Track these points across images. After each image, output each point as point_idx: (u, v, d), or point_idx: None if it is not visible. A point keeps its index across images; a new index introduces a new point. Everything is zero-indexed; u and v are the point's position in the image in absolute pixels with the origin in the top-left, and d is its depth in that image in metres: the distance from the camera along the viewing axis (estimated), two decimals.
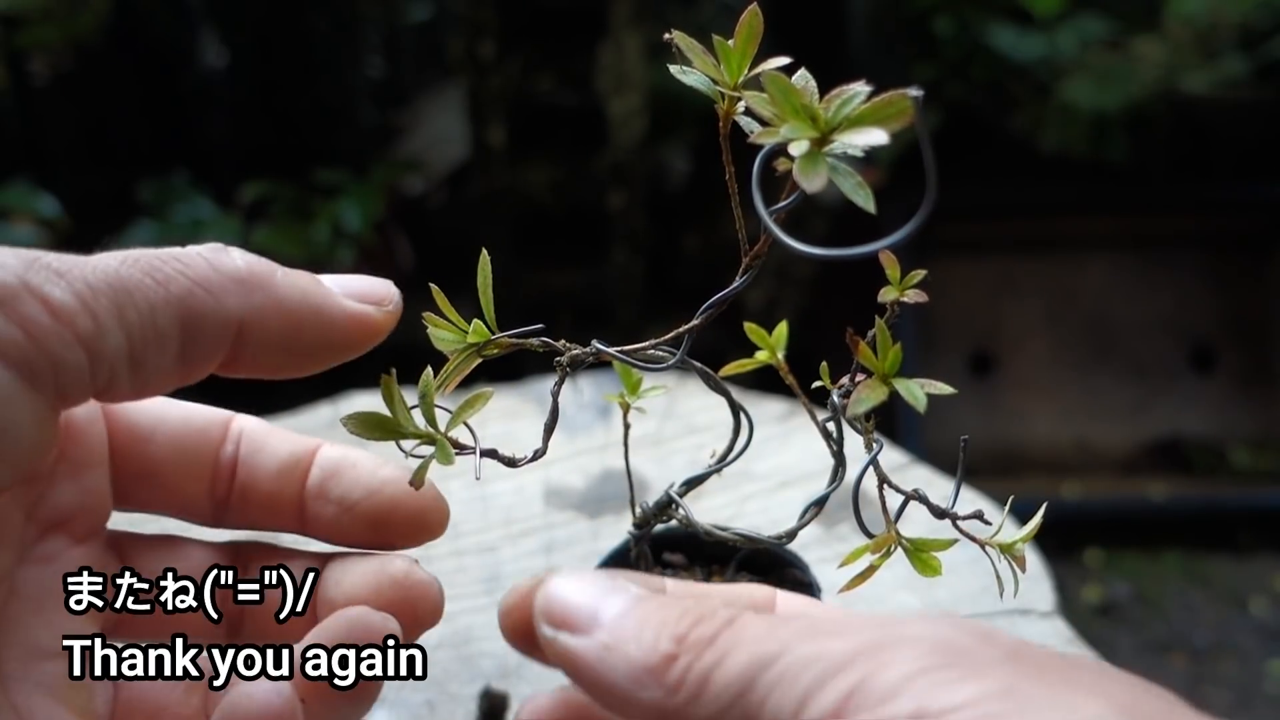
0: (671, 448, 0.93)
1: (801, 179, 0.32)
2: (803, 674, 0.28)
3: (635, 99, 2.07)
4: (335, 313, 0.37)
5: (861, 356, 0.37)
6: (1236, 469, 2.35)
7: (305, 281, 0.37)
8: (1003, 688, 0.26)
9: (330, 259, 2.18)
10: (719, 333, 0.42)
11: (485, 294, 0.39)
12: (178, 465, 0.39)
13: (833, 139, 0.32)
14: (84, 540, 0.37)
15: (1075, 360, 2.46)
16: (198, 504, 0.40)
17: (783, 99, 0.33)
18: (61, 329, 0.30)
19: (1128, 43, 2.44)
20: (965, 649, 0.27)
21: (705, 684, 0.29)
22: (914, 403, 0.36)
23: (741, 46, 0.36)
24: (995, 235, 2.46)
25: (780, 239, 0.33)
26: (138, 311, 0.32)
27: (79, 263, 0.32)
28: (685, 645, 0.30)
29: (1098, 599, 2.11)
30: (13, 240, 2.09)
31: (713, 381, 0.42)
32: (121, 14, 2.58)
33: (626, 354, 0.41)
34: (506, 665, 0.66)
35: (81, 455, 0.37)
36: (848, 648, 0.28)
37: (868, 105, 0.32)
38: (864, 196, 0.32)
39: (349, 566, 0.38)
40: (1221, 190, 2.47)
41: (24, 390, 0.30)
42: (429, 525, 0.39)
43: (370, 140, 2.70)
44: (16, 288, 0.30)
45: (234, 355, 0.35)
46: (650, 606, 0.32)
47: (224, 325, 0.34)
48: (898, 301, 0.39)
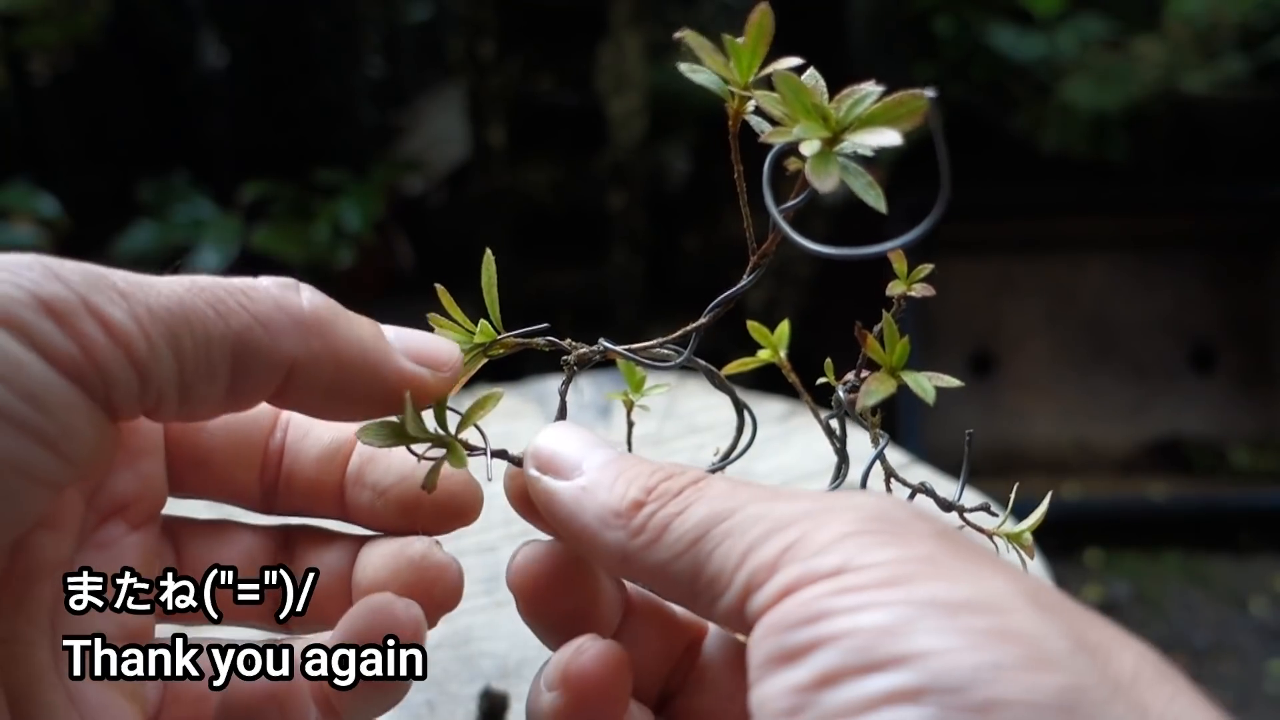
0: (672, 447, 0.93)
1: (814, 179, 0.32)
2: (751, 529, 0.30)
3: (635, 99, 2.07)
4: (389, 370, 0.36)
5: (870, 350, 0.37)
6: (1236, 469, 2.35)
7: (366, 332, 0.37)
8: (923, 554, 0.28)
9: (330, 259, 2.18)
10: (720, 332, 0.42)
11: (490, 294, 0.39)
12: (230, 452, 0.40)
13: (843, 139, 0.32)
14: (141, 526, 0.38)
15: (1075, 360, 2.46)
16: (249, 491, 0.40)
17: (794, 98, 0.33)
18: (116, 350, 0.31)
19: (1128, 43, 2.44)
20: (898, 520, 0.30)
21: (664, 531, 0.32)
22: (922, 395, 0.36)
23: (752, 45, 0.36)
24: (995, 235, 2.46)
25: (794, 239, 0.33)
26: (193, 341, 0.32)
27: (145, 285, 0.33)
28: (652, 495, 0.33)
29: (1098, 599, 2.11)
30: (13, 240, 2.09)
31: (718, 380, 0.42)
32: (121, 14, 2.58)
33: (634, 352, 0.41)
34: (506, 665, 0.66)
35: (138, 443, 0.38)
36: (794, 510, 0.30)
37: (879, 105, 0.32)
38: (875, 196, 0.32)
39: (374, 550, 0.39)
40: (1221, 190, 2.47)
41: (83, 399, 0.31)
42: (461, 510, 0.39)
43: (370, 140, 2.70)
44: (76, 305, 0.31)
45: (280, 392, 0.35)
46: (628, 461, 0.35)
47: (275, 365, 0.34)
48: (904, 296, 0.39)
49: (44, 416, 0.30)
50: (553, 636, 0.38)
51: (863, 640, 0.26)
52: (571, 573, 0.37)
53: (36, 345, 0.30)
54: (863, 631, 0.26)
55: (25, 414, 0.30)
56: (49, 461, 0.31)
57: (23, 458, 0.30)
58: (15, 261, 0.31)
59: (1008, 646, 0.26)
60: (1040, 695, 0.25)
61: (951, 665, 0.25)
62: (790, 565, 0.29)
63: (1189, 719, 0.26)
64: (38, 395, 0.30)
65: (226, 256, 2.19)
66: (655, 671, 0.39)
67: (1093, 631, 0.28)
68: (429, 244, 2.58)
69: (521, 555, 0.38)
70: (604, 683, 0.35)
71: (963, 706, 0.25)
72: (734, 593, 0.30)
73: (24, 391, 0.30)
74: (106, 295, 0.32)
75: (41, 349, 0.30)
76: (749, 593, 0.29)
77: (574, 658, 0.35)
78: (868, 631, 0.26)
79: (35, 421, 0.30)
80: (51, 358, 0.30)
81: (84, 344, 0.31)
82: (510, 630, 0.71)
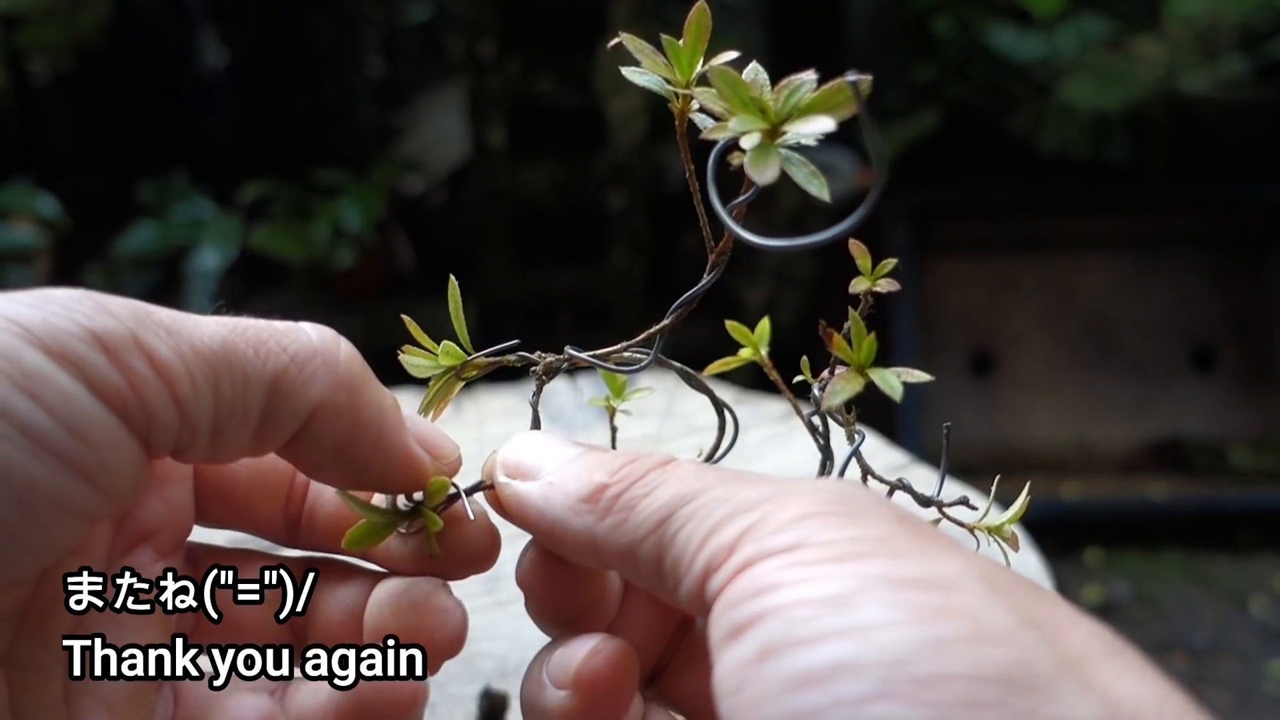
0: (671, 448, 0.92)
1: (753, 172, 0.31)
2: (714, 512, 0.31)
3: (635, 99, 2.07)
4: (396, 444, 0.37)
5: (836, 348, 0.37)
6: (1236, 469, 2.35)
7: (388, 401, 0.37)
8: (879, 534, 0.28)
9: (330, 259, 2.18)
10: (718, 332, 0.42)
11: (457, 317, 0.39)
12: (255, 484, 0.40)
13: (783, 130, 0.32)
14: (167, 554, 0.38)
15: (1075, 360, 2.46)
16: (272, 523, 0.40)
17: (730, 93, 0.32)
18: (162, 387, 0.31)
19: (1128, 43, 2.44)
20: (859, 502, 0.30)
21: (630, 512, 0.32)
22: (890, 391, 0.36)
23: (691, 44, 0.36)
24: (995, 235, 2.46)
25: (738, 233, 0.33)
26: (232, 383, 0.33)
27: (189, 324, 0.33)
28: (617, 476, 0.33)
29: (1098, 599, 2.11)
30: (12, 240, 2.09)
31: (693, 380, 0.42)
32: (121, 14, 2.59)
33: (599, 358, 0.40)
34: (506, 665, 0.66)
35: (167, 470, 0.38)
36: (756, 494, 0.30)
37: (815, 94, 0.32)
38: (818, 185, 0.32)
39: (382, 588, 0.38)
40: (1221, 190, 2.47)
41: (125, 433, 0.31)
42: (475, 558, 0.39)
43: (370, 140, 2.70)
44: (127, 339, 0.31)
45: (291, 439, 0.35)
46: (594, 453, 0.36)
47: (300, 409, 0.34)
48: (870, 292, 0.39)
49: (86, 450, 0.30)
50: (557, 629, 0.38)
51: (807, 612, 0.26)
52: (579, 568, 0.37)
53: (87, 378, 0.30)
54: (807, 603, 0.26)
55: (69, 446, 0.30)
56: (87, 495, 0.31)
57: (62, 490, 0.30)
58: (66, 296, 0.31)
59: (953, 621, 0.25)
60: (984, 669, 0.24)
61: (896, 639, 0.25)
62: (747, 545, 0.29)
63: (1138, 694, 0.25)
64: (83, 429, 0.30)
65: (226, 256, 2.19)
66: (650, 651, 0.39)
67: (1044, 609, 0.27)
68: (429, 244, 2.58)
69: (530, 553, 0.38)
70: (616, 683, 0.35)
71: (905, 680, 0.24)
72: (695, 575, 0.30)
73: (70, 424, 0.30)
74: (154, 331, 0.32)
75: (91, 382, 0.30)
76: (708, 574, 0.30)
77: (588, 660, 0.35)
78: (812, 603, 0.26)
79: (78, 454, 0.30)
80: (100, 391, 0.30)
81: (132, 379, 0.31)
82: (510, 630, 0.71)
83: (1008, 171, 2.44)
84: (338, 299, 2.34)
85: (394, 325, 0.41)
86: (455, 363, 0.40)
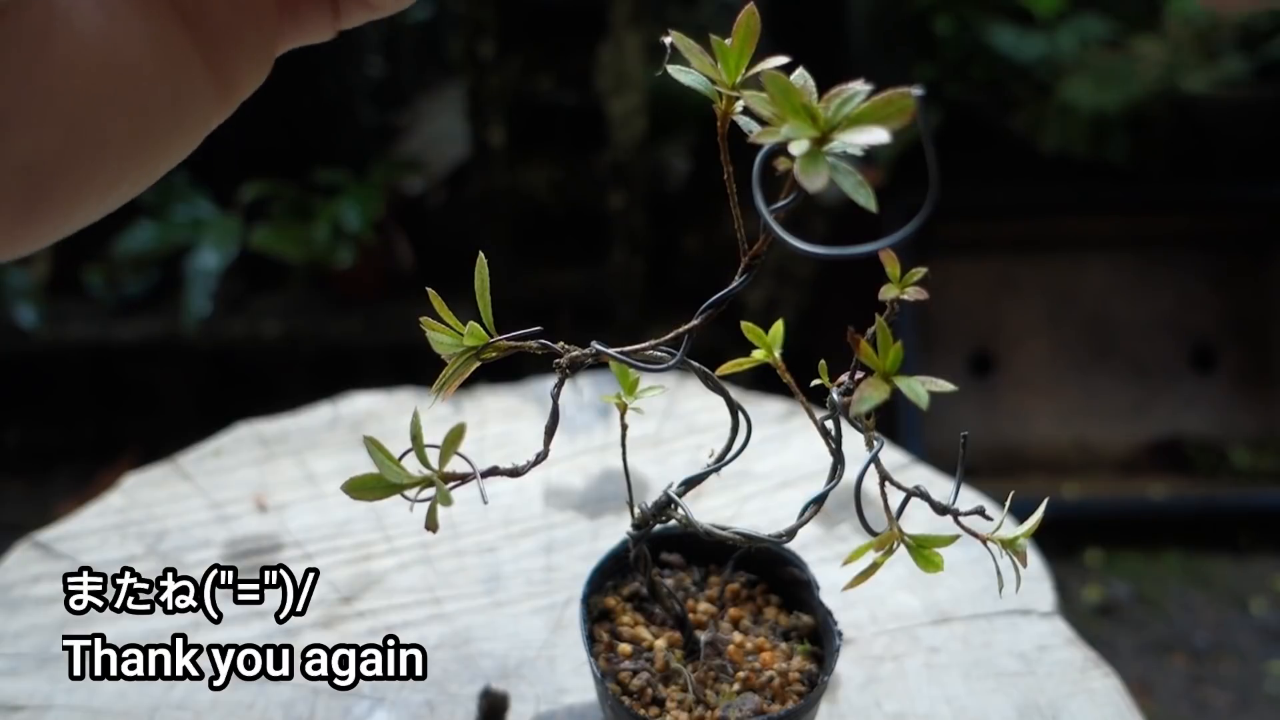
0: (671, 448, 0.92)
1: (803, 178, 0.32)
2: None
3: (635, 99, 2.07)
4: None
5: (862, 354, 0.37)
6: (1236, 469, 2.35)
7: None
8: None
9: (330, 259, 2.18)
10: (719, 332, 0.42)
11: (483, 297, 0.39)
12: None
13: (833, 138, 0.32)
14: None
15: (1075, 360, 2.46)
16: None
17: (782, 98, 0.33)
18: None
19: (1128, 43, 2.44)
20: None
21: None
22: (916, 400, 0.36)
23: (739, 46, 0.36)
24: (995, 235, 2.46)
25: (783, 239, 0.33)
26: None
27: None
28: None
29: (1098, 599, 2.11)
30: None
31: (711, 382, 0.42)
32: None
33: (626, 355, 0.40)
34: (506, 665, 0.66)
35: None
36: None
37: (868, 104, 0.32)
38: (865, 195, 0.32)
39: None
40: (1221, 190, 2.47)
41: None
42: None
43: (370, 140, 2.70)
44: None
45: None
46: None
47: None
48: (898, 299, 0.39)
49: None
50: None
51: None
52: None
53: None
54: None
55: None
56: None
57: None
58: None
59: None
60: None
61: None
62: None
63: None
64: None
65: (226, 256, 2.19)
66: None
67: None
68: (429, 244, 2.58)
69: None
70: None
71: None
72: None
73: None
74: None
75: None
76: None
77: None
78: None
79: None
80: None
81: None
82: (510, 630, 0.71)
83: (1008, 171, 2.44)
84: (338, 299, 2.34)
85: (394, 325, 0.41)
86: (478, 343, 0.40)
